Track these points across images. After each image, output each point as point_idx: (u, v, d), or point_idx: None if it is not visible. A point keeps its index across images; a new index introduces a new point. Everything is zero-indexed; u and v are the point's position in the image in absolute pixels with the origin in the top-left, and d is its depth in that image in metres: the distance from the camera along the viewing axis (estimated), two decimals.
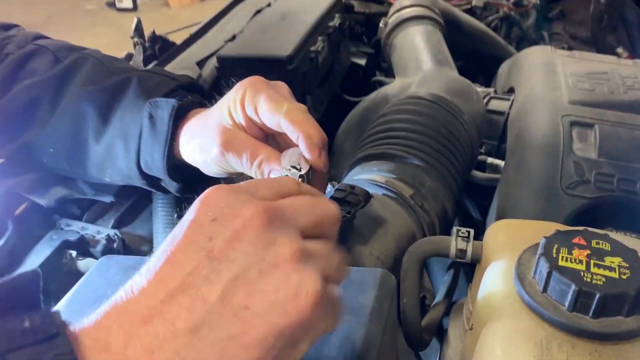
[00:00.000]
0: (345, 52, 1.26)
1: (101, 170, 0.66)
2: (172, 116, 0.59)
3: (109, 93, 0.64)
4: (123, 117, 0.62)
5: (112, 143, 0.63)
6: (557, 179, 0.75)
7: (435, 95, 0.80)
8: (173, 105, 0.59)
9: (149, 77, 0.65)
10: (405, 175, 0.67)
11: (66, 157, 0.66)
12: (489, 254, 0.55)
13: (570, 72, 0.99)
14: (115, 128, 0.63)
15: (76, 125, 0.64)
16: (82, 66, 0.67)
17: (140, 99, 0.62)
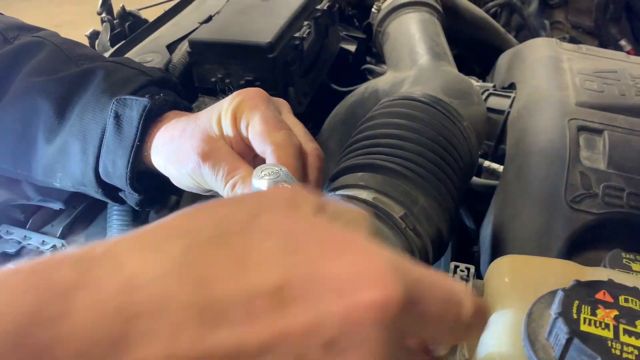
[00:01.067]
0: (334, 38, 1.16)
1: (50, 173, 0.58)
2: (143, 117, 0.52)
3: (67, 85, 0.56)
4: (83, 114, 0.55)
5: (66, 143, 0.55)
6: (561, 191, 0.69)
7: (432, 97, 0.71)
8: (145, 105, 0.52)
9: (116, 70, 0.58)
10: (396, 192, 0.58)
11: (10, 157, 0.59)
12: (491, 299, 0.47)
13: (577, 69, 0.91)
14: (72, 126, 0.55)
15: (24, 120, 0.57)
16: (36, 52, 0.60)
17: (104, 95, 0.54)
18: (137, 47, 0.96)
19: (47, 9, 3.89)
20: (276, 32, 0.87)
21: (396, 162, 0.61)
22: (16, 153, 0.58)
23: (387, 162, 0.61)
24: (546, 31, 1.55)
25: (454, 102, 0.72)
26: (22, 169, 0.59)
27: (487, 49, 1.29)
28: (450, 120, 0.69)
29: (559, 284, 0.42)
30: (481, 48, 1.32)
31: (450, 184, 0.64)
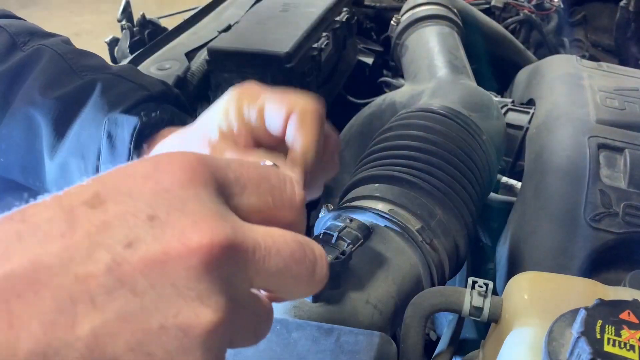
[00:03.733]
0: (351, 50, 1.16)
1: (56, 188, 0.57)
2: (134, 137, 0.51)
3: (65, 103, 0.56)
4: (80, 133, 0.54)
5: (67, 162, 0.55)
6: (580, 209, 0.67)
7: (451, 110, 0.70)
8: (135, 125, 0.51)
9: (114, 85, 0.57)
10: (413, 205, 0.57)
11: (20, 168, 0.59)
12: (510, 316, 0.46)
13: (598, 86, 0.90)
14: (72, 145, 0.55)
15: (29, 136, 0.57)
16: (38, 60, 0.59)
17: (100, 112, 0.54)
18: (155, 55, 0.97)
19: (67, 18, 3.94)
20: (294, 43, 0.87)
21: (413, 174, 0.60)
22: (24, 167, 0.58)
23: (404, 174, 0.60)
24: (565, 49, 1.54)
25: (473, 115, 0.71)
26: (34, 180, 0.59)
27: (505, 65, 1.28)
28: (469, 134, 0.68)
29: (581, 303, 0.40)
30: (500, 63, 1.31)
31: (469, 198, 0.63)
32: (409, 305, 0.48)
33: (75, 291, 0.23)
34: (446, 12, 1.07)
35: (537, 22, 1.44)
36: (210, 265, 0.25)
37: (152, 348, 0.24)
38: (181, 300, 0.24)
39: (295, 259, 0.29)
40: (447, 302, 0.48)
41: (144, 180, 0.26)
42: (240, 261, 0.27)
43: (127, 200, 0.25)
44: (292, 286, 0.30)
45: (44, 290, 0.23)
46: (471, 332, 0.77)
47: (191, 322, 0.24)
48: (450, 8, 1.09)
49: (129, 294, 0.24)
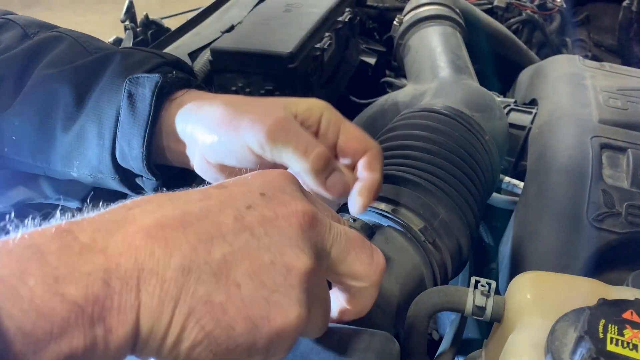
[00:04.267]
0: (354, 50, 1.16)
1: (68, 162, 0.58)
2: (155, 94, 0.51)
3: (85, 72, 0.56)
4: (99, 98, 0.55)
5: (83, 129, 0.55)
6: (583, 209, 0.67)
7: (453, 109, 0.70)
8: (156, 81, 0.52)
9: (132, 53, 0.58)
10: (416, 205, 0.57)
11: (30, 147, 0.58)
12: (513, 316, 0.46)
13: (600, 86, 0.90)
14: (90, 112, 0.55)
15: (44, 109, 0.56)
16: (55, 45, 0.60)
17: (119, 78, 0.54)
18: None
19: (70, 18, 3.95)
20: (297, 43, 0.87)
21: (416, 174, 0.60)
22: (35, 144, 0.58)
23: (407, 173, 0.60)
24: (568, 49, 1.54)
25: (475, 115, 0.71)
26: (41, 161, 0.58)
27: (508, 65, 1.28)
28: (472, 134, 0.68)
29: (583, 302, 0.41)
30: (502, 64, 1.31)
31: (471, 198, 0.63)
32: (412, 304, 0.48)
33: (212, 230, 0.31)
34: (449, 12, 1.07)
35: (540, 22, 1.44)
36: (304, 226, 0.34)
37: (264, 278, 0.31)
38: (286, 246, 0.33)
39: (358, 244, 0.38)
40: (449, 302, 0.48)
41: (255, 176, 0.37)
42: (321, 232, 0.36)
43: (244, 184, 0.35)
44: (357, 266, 0.38)
45: (190, 227, 0.31)
46: (474, 332, 0.77)
47: (293, 262, 0.32)
48: (453, 8, 1.09)
49: (250, 236, 0.32)
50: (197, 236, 0.30)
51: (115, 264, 0.28)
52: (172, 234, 0.30)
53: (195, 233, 0.30)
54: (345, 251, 0.37)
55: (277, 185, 0.36)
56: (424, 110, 0.71)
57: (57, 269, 0.26)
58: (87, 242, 0.28)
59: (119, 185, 0.58)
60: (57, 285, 0.26)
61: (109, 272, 0.27)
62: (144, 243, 0.29)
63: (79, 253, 0.27)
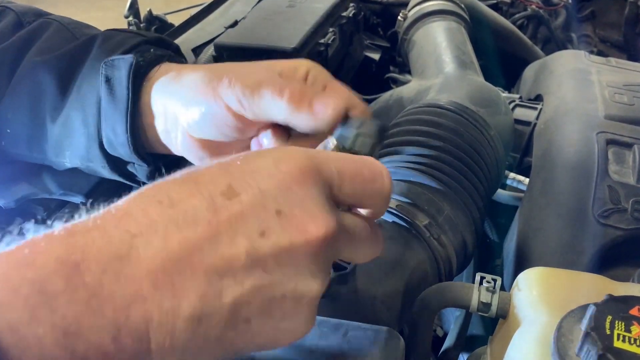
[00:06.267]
0: (358, 45, 1.16)
1: (60, 152, 0.56)
2: (131, 76, 0.49)
3: (68, 59, 0.55)
4: (81, 85, 0.53)
5: (68, 118, 0.53)
6: (588, 205, 0.67)
7: (458, 105, 0.70)
8: (130, 62, 0.49)
9: (111, 36, 0.55)
10: (421, 201, 0.57)
11: (25, 139, 0.57)
12: (518, 312, 0.45)
13: (606, 82, 0.89)
14: (73, 100, 0.53)
15: (32, 100, 0.55)
16: (43, 32, 0.58)
17: (98, 62, 0.52)
18: None
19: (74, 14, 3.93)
20: (301, 38, 0.87)
21: (421, 170, 0.60)
22: (29, 136, 0.56)
23: (412, 169, 0.60)
24: (573, 44, 1.53)
25: (481, 110, 0.71)
26: (37, 152, 0.57)
27: (513, 61, 1.27)
28: (477, 129, 0.67)
29: (590, 299, 0.40)
30: (507, 59, 1.30)
31: (477, 194, 0.62)
32: (417, 300, 0.48)
33: (221, 269, 0.29)
34: (453, 7, 1.07)
35: (545, 17, 1.43)
36: (322, 251, 0.32)
37: (274, 311, 0.31)
38: (299, 277, 0.31)
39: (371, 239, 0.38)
40: (455, 298, 0.48)
41: (269, 177, 0.32)
42: (338, 247, 0.35)
43: (258, 194, 0.31)
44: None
45: (198, 268, 0.28)
46: (478, 329, 0.76)
47: (304, 292, 0.31)
48: (458, 3, 1.09)
49: (262, 272, 0.30)
50: (207, 278, 0.28)
51: (124, 317, 0.26)
52: (180, 280, 0.28)
53: (204, 274, 0.28)
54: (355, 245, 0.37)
55: (296, 194, 0.32)
56: (429, 106, 0.70)
57: (65, 319, 0.25)
58: (94, 285, 0.26)
59: (110, 174, 0.56)
60: (66, 340, 0.25)
61: (118, 326, 0.26)
62: (152, 294, 0.27)
63: (87, 302, 0.25)
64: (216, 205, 0.30)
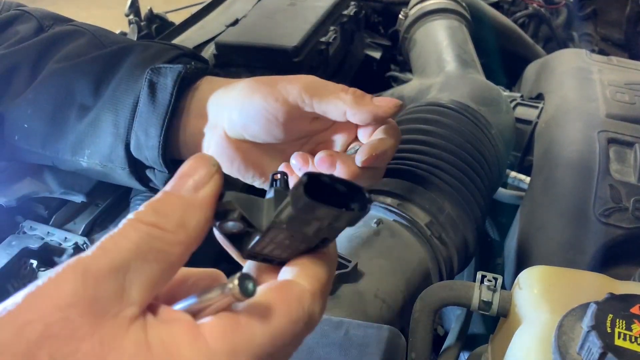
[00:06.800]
0: (359, 44, 1.16)
1: (79, 150, 0.57)
2: (177, 84, 0.51)
3: (102, 63, 0.56)
4: (116, 88, 0.54)
5: (98, 117, 0.55)
6: (590, 204, 0.67)
7: (460, 103, 0.70)
8: (179, 71, 0.51)
9: (150, 46, 0.58)
10: (422, 199, 0.57)
11: (41, 136, 0.58)
12: (519, 310, 0.45)
13: (607, 81, 0.89)
14: (106, 101, 0.55)
15: (58, 99, 0.56)
16: (73, 38, 0.60)
17: (138, 69, 0.54)
18: None
19: (75, 12, 3.93)
20: (302, 36, 0.87)
21: (422, 169, 0.60)
22: (47, 133, 0.57)
23: (412, 168, 0.60)
24: (575, 43, 1.53)
25: (482, 109, 0.71)
26: (51, 150, 0.58)
27: (514, 59, 1.27)
28: (478, 128, 0.67)
29: (591, 297, 0.40)
30: (508, 58, 1.30)
31: (478, 193, 0.62)
32: (418, 299, 0.48)
33: None
34: (455, 5, 1.06)
35: (546, 16, 1.43)
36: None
37: None
38: None
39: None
40: (456, 297, 0.48)
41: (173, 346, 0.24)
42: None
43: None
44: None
45: None
46: (479, 327, 0.76)
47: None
48: (459, 2, 1.09)
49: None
50: None
51: None
52: None
53: None
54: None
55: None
56: (430, 105, 0.70)
57: None
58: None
59: (127, 177, 0.57)
60: None
61: None
62: None
63: None
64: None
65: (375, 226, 0.54)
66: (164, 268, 0.25)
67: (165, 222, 0.25)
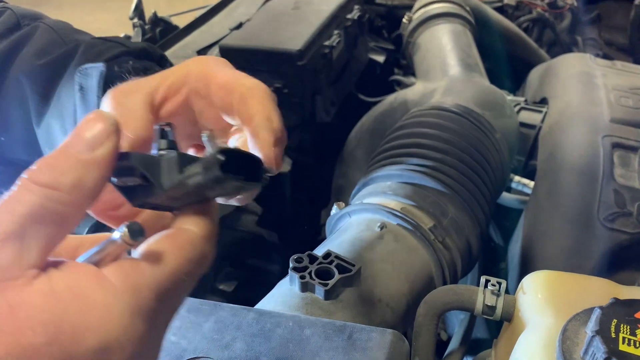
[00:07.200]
0: (362, 48, 1.16)
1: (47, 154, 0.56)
2: (101, 84, 0.48)
3: (51, 68, 0.54)
4: (60, 93, 0.52)
5: (49, 125, 0.53)
6: (594, 209, 0.67)
7: (463, 107, 0.70)
8: (101, 71, 0.49)
9: (95, 45, 0.54)
10: (425, 203, 0.57)
11: (23, 145, 0.57)
12: (523, 315, 0.45)
13: (612, 85, 0.89)
14: (53, 107, 0.53)
15: (23, 107, 0.55)
16: (32, 36, 0.58)
17: (77, 71, 0.52)
18: (167, 52, 0.97)
19: (79, 17, 3.95)
20: (306, 40, 0.87)
21: (427, 173, 0.60)
22: (27, 141, 0.56)
23: (417, 172, 0.60)
24: (579, 47, 1.53)
25: (486, 113, 0.71)
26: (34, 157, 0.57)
27: (518, 63, 1.27)
28: (482, 132, 0.67)
29: (595, 302, 0.40)
30: (512, 62, 1.30)
31: (482, 197, 0.62)
32: (422, 303, 0.48)
33: None
34: (459, 10, 1.06)
35: (550, 20, 1.43)
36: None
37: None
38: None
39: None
40: (459, 301, 0.47)
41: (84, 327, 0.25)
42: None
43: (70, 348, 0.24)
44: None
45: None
46: (483, 332, 0.76)
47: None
48: (463, 6, 1.09)
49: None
50: None
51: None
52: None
53: None
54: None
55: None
56: (434, 109, 0.70)
57: None
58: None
59: None
60: None
61: None
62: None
63: None
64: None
65: (379, 230, 0.54)
66: (60, 229, 0.25)
67: (60, 182, 0.25)
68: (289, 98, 0.89)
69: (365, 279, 0.49)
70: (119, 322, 0.24)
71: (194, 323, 0.43)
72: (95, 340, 0.24)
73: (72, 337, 0.23)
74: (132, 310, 0.25)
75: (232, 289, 0.80)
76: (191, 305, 0.45)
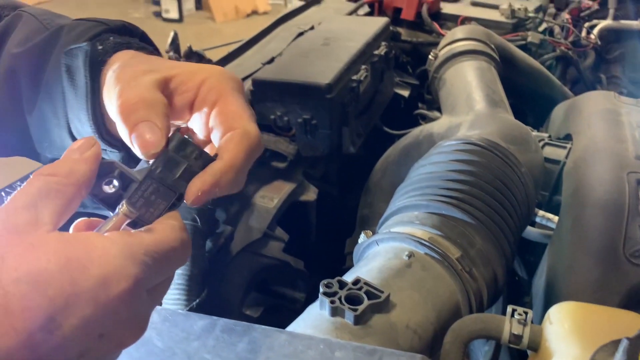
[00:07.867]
0: (388, 82, 1.19)
1: (40, 145, 0.56)
2: (87, 64, 0.48)
3: (38, 52, 0.54)
4: (49, 77, 0.53)
5: (41, 110, 0.53)
6: (619, 245, 0.67)
7: (490, 142, 0.71)
8: (86, 50, 0.48)
9: (77, 26, 0.54)
10: (453, 234, 0.58)
11: (15, 137, 0.57)
12: (550, 345, 0.46)
13: (636, 123, 0.90)
14: (43, 92, 0.53)
15: (14, 98, 0.55)
16: (14, 26, 0.58)
17: (62, 53, 0.52)
18: None
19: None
20: (335, 74, 0.90)
21: (455, 205, 0.61)
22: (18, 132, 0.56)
23: (445, 203, 0.61)
24: (602, 85, 1.54)
25: (511, 148, 0.72)
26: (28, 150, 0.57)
27: (541, 100, 1.28)
28: (509, 166, 0.69)
29: (622, 334, 0.41)
30: (536, 99, 1.31)
31: (508, 229, 0.63)
32: (449, 330, 0.49)
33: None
34: (484, 47, 1.09)
35: (574, 58, 1.45)
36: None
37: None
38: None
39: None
40: (486, 329, 0.48)
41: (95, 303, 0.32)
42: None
43: (81, 323, 0.32)
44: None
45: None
46: None
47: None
48: (488, 44, 1.11)
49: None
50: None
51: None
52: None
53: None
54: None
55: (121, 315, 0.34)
56: (460, 142, 0.72)
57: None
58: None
59: None
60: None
61: None
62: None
63: None
64: (33, 342, 0.31)
65: (407, 259, 0.56)
66: (63, 202, 0.35)
67: (58, 171, 0.36)
68: (317, 129, 0.91)
69: (394, 305, 0.51)
70: (115, 261, 0.33)
71: (227, 343, 0.45)
72: (97, 270, 0.32)
73: (78, 266, 0.32)
74: (125, 255, 0.33)
75: (258, 314, 0.81)
76: (225, 326, 0.47)
